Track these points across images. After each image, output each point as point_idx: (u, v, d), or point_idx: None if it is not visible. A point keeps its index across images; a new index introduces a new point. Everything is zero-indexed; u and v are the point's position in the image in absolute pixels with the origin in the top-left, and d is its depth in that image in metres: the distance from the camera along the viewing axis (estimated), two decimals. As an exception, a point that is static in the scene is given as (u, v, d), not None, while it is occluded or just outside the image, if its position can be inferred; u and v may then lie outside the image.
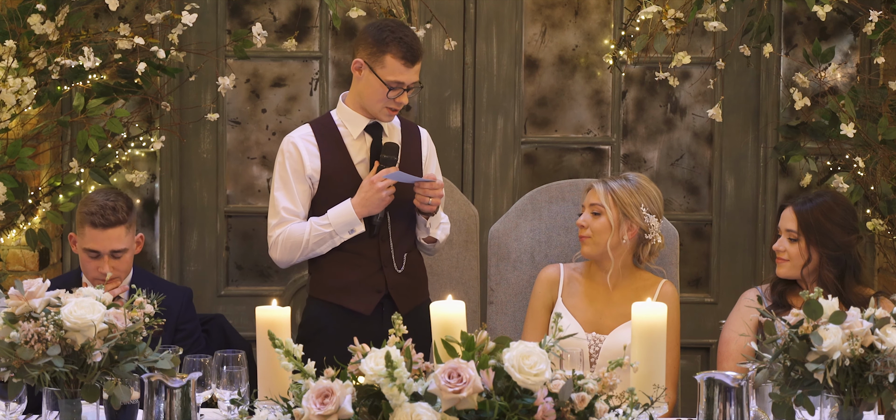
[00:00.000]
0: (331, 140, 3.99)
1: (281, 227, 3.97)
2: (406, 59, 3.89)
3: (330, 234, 3.93)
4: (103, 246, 3.96)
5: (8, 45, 4.29)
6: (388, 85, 3.89)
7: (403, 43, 3.90)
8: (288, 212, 3.97)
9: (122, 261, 4.01)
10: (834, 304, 2.85)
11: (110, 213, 3.96)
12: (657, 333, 2.94)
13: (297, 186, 3.97)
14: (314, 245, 3.94)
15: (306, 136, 4.01)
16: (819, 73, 4.62)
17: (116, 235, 3.97)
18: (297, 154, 3.97)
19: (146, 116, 4.79)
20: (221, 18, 4.88)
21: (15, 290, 2.90)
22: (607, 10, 4.95)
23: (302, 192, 3.98)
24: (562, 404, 2.52)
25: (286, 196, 3.97)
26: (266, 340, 2.76)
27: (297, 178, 3.97)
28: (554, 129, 5.01)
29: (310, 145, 3.99)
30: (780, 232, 3.94)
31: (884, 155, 4.54)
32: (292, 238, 3.95)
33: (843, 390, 2.81)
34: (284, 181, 3.98)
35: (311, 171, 3.97)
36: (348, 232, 3.93)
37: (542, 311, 4.01)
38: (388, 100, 3.92)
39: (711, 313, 4.96)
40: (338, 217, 3.92)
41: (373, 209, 3.91)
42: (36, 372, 2.82)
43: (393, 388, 2.46)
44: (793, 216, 3.91)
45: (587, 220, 3.93)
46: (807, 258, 3.88)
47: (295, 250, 3.96)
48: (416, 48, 3.93)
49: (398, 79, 3.90)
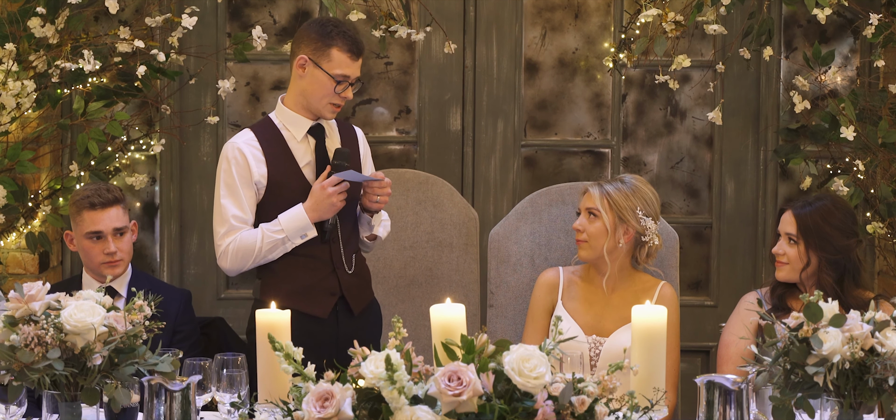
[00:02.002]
0: (275, 144, 3.95)
1: (230, 235, 3.90)
2: (351, 52, 3.90)
3: (282, 241, 3.89)
4: (105, 225, 4.02)
5: (8, 48, 4.29)
6: (335, 79, 3.88)
7: (347, 36, 3.91)
8: (237, 219, 3.90)
9: (125, 241, 4.07)
10: (834, 307, 2.86)
11: (106, 193, 4.05)
12: (657, 336, 2.94)
13: (245, 193, 3.91)
14: (267, 251, 3.90)
15: (250, 141, 3.94)
16: (819, 76, 4.62)
17: (116, 213, 4.04)
18: (243, 160, 3.91)
19: (146, 119, 4.79)
20: (221, 21, 4.88)
21: (15, 293, 2.90)
22: (607, 13, 4.95)
23: (249, 198, 3.92)
24: (562, 407, 2.52)
25: (234, 203, 3.91)
26: (266, 343, 2.76)
27: (245, 185, 3.91)
28: (554, 133, 5.02)
29: (255, 151, 3.92)
30: (780, 235, 3.94)
31: (884, 158, 4.54)
32: (244, 245, 3.89)
33: (843, 393, 2.81)
34: (231, 188, 3.91)
35: (257, 177, 3.91)
36: (300, 237, 3.90)
37: (542, 315, 4.01)
38: (334, 94, 3.90)
39: (711, 316, 4.96)
40: (290, 222, 3.89)
41: (325, 214, 3.89)
42: (36, 375, 2.82)
43: (393, 391, 2.46)
44: (792, 220, 3.90)
45: (583, 224, 3.93)
46: (806, 262, 3.87)
47: (247, 258, 3.90)
48: (360, 42, 3.95)
49: (344, 72, 3.89)
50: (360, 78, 3.97)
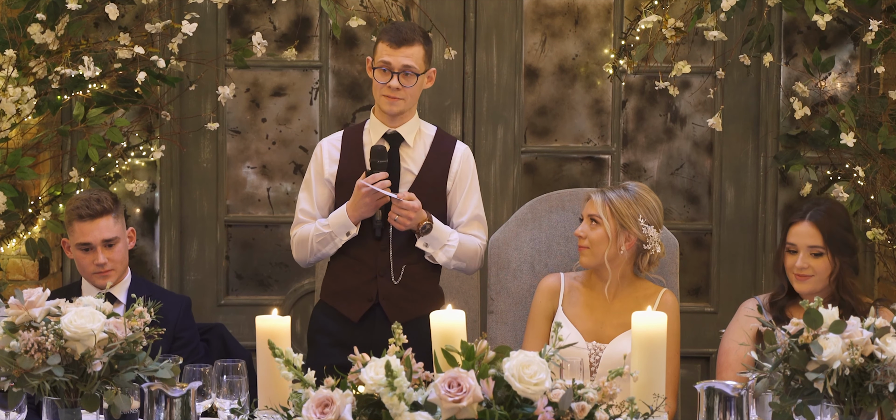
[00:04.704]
0: (353, 146, 4.05)
1: (297, 227, 4.07)
2: (392, 40, 3.94)
3: (330, 235, 3.98)
4: (93, 237, 4.01)
5: (8, 54, 4.29)
6: (376, 67, 3.95)
7: (394, 28, 3.98)
8: (304, 213, 4.06)
9: (115, 250, 4.05)
10: (834, 313, 2.85)
11: (95, 204, 4.03)
12: (657, 343, 2.94)
13: (317, 189, 4.05)
14: (318, 245, 4.00)
15: (334, 140, 4.09)
16: (819, 83, 4.62)
17: (105, 225, 4.02)
18: (320, 157, 4.06)
19: (146, 126, 4.79)
20: (221, 28, 4.88)
21: (15, 300, 2.90)
22: (607, 20, 4.95)
23: (321, 195, 4.05)
24: (562, 414, 2.52)
25: (306, 198, 4.07)
26: (266, 350, 2.76)
27: (318, 181, 4.06)
28: (554, 139, 5.02)
29: (333, 150, 4.06)
30: (798, 249, 3.84)
31: (884, 164, 4.54)
32: (302, 238, 4.03)
33: (843, 400, 2.81)
34: (307, 183, 4.08)
35: (328, 175, 4.04)
36: (345, 234, 3.97)
37: (543, 321, 4.01)
38: (383, 85, 3.95)
39: (711, 322, 4.96)
40: (335, 219, 3.97)
41: (363, 212, 3.94)
42: (36, 381, 2.82)
43: (393, 397, 2.46)
44: (814, 230, 3.81)
45: (585, 231, 3.93)
46: (833, 269, 3.81)
47: (303, 250, 4.04)
48: (405, 32, 3.96)
49: (384, 59, 3.93)
50: (410, 68, 3.93)
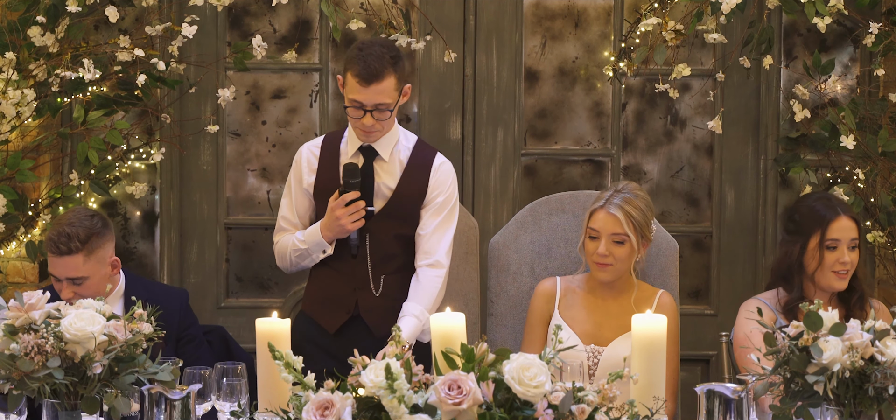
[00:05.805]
0: (331, 155, 3.99)
1: (278, 234, 4.05)
2: (361, 77, 3.75)
3: (307, 252, 3.96)
4: (59, 273, 3.85)
5: (8, 56, 4.29)
6: (347, 105, 3.83)
7: (361, 60, 3.75)
8: (285, 221, 4.04)
9: (85, 287, 3.83)
10: (834, 315, 2.86)
11: (64, 242, 3.80)
12: (657, 345, 2.94)
13: (297, 196, 4.02)
14: (296, 259, 3.99)
15: (314, 147, 4.03)
16: (819, 85, 4.62)
17: (72, 264, 3.82)
18: (300, 165, 4.02)
19: (146, 128, 4.79)
20: (221, 30, 4.88)
21: (15, 302, 2.90)
22: (607, 22, 4.95)
23: (300, 203, 4.02)
24: (562, 416, 2.52)
25: (287, 205, 4.04)
26: (266, 352, 2.76)
27: (298, 189, 4.02)
28: (554, 141, 5.02)
29: (312, 158, 4.01)
30: (840, 244, 3.86)
31: (884, 167, 4.54)
32: (281, 248, 4.03)
33: (843, 402, 2.81)
34: (288, 189, 4.05)
35: (306, 185, 4.00)
36: (320, 252, 3.95)
37: (539, 325, 4.01)
38: (354, 119, 3.84)
39: (711, 325, 4.96)
40: (310, 237, 3.94)
41: (337, 233, 3.89)
42: (36, 384, 2.82)
43: (393, 400, 2.46)
44: (853, 224, 3.87)
45: (608, 249, 3.89)
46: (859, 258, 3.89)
47: (284, 260, 4.04)
48: (373, 65, 3.74)
49: (354, 97, 3.78)
50: (382, 104, 3.79)
